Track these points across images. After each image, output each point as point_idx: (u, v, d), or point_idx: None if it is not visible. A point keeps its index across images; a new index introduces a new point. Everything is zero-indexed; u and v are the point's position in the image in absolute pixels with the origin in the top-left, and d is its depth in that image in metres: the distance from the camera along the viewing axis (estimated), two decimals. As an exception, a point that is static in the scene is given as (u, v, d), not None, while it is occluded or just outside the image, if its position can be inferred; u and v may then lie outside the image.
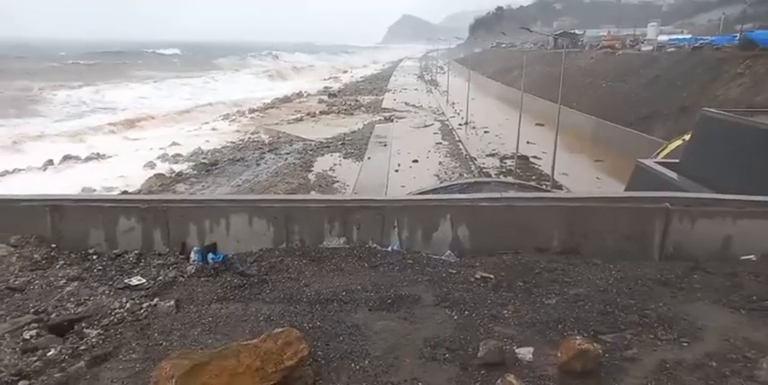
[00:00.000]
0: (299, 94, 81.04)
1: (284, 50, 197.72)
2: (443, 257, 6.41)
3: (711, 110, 16.77)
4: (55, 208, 6.53)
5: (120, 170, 33.31)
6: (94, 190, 28.68)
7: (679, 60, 42.88)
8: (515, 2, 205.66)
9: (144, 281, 5.70)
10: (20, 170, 33.25)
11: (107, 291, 5.42)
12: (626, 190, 17.87)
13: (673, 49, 50.77)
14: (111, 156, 37.99)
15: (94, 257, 6.29)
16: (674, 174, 15.30)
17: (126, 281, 5.69)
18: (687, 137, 17.96)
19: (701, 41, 51.46)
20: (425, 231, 6.70)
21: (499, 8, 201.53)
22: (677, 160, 16.51)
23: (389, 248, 6.54)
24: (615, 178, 27.71)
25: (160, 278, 5.77)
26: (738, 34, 46.96)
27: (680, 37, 61.84)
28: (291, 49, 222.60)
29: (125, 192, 27.62)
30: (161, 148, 40.07)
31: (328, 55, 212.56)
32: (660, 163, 17.14)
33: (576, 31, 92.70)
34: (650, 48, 55.43)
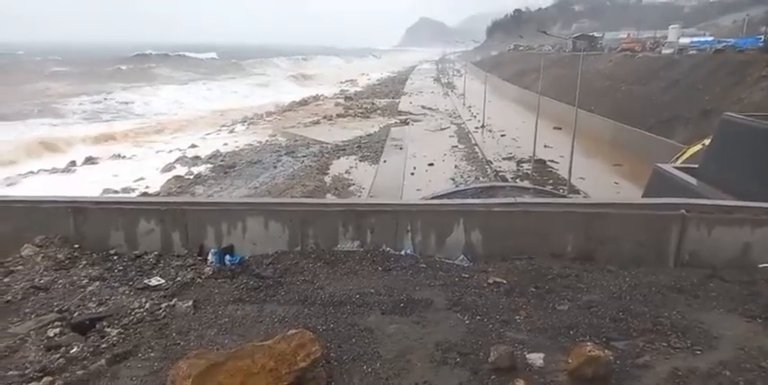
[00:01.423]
0: (316, 98, 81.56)
1: (308, 53, 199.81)
2: (456, 262, 6.45)
3: (732, 114, 16.52)
4: (77, 210, 6.71)
5: (141, 172, 33.90)
6: (115, 191, 29.23)
7: (700, 63, 42.22)
8: (534, 4, 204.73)
9: (163, 281, 5.84)
10: (44, 170, 34.04)
11: (127, 291, 5.57)
12: (644, 195, 17.69)
13: (694, 52, 49.99)
14: (131, 158, 38.69)
15: (115, 258, 6.45)
16: (693, 180, 15.09)
17: (146, 281, 5.83)
18: (707, 141, 17.71)
19: (724, 44, 50.61)
20: (439, 235, 6.74)
21: (517, 10, 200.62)
22: (696, 165, 16.29)
23: (403, 252, 6.59)
24: (633, 183, 27.38)
25: (179, 279, 5.90)
26: (763, 36, 46.05)
27: (702, 39, 60.87)
28: (314, 51, 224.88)
29: (145, 194, 28.10)
30: (180, 151, 40.67)
31: (349, 58, 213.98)
32: (679, 168, 16.91)
33: (596, 34, 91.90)
34: (671, 50, 54.64)
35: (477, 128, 48.91)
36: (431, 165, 34.62)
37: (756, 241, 6.24)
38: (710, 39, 61.08)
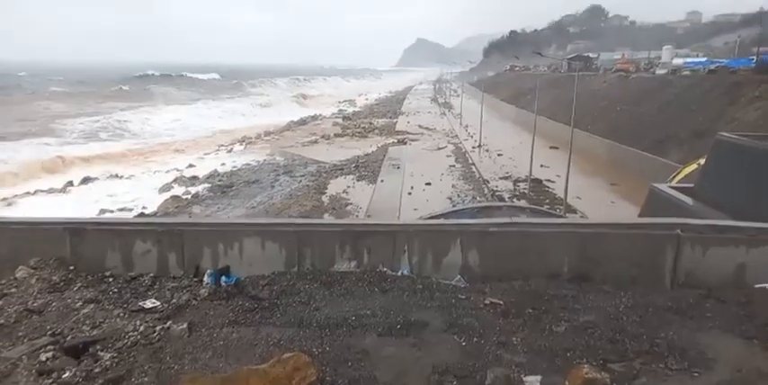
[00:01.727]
0: (315, 117, 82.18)
1: (308, 74, 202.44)
2: (453, 282, 6.43)
3: (726, 134, 16.68)
4: (74, 231, 6.71)
5: (138, 192, 33.92)
6: (112, 211, 29.19)
7: (694, 84, 42.75)
8: (530, 26, 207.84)
9: (158, 303, 5.80)
10: (41, 191, 34.02)
11: (122, 314, 5.53)
12: (640, 214, 17.73)
13: (688, 73, 50.67)
14: (129, 178, 38.74)
15: (111, 280, 6.42)
16: (688, 199, 15.16)
17: (140, 303, 5.80)
18: (702, 161, 17.83)
19: (717, 64, 51.28)
20: (436, 256, 6.74)
21: (513, 32, 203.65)
22: (692, 185, 16.37)
23: (400, 273, 6.58)
24: (630, 202, 27.43)
25: (174, 301, 5.87)
26: (755, 57, 46.74)
27: (695, 60, 61.73)
28: (314, 72, 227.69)
29: (142, 214, 28.05)
30: (178, 170, 40.77)
31: (348, 78, 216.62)
32: (675, 187, 16.99)
33: (590, 55, 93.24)
34: (665, 71, 55.39)
35: (473, 147, 49.19)
36: (428, 184, 34.69)
37: (751, 261, 6.25)
38: (703, 59, 61.95)
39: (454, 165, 42.06)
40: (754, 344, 4.62)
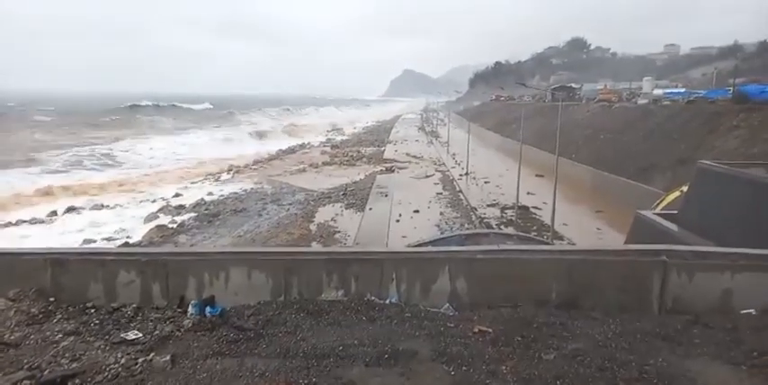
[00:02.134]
0: (303, 146, 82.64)
1: (298, 104, 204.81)
2: (442, 310, 6.38)
3: (707, 162, 17.04)
4: (55, 261, 6.59)
5: (123, 222, 33.56)
6: (95, 241, 28.75)
7: (675, 113, 43.88)
8: (514, 57, 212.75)
9: (140, 335, 5.66)
10: (23, 221, 33.49)
11: (103, 346, 5.38)
12: (626, 241, 17.87)
13: (668, 103, 52.05)
14: (114, 208, 38.32)
15: (92, 311, 6.27)
16: (673, 226, 15.35)
17: (122, 335, 5.65)
18: (685, 188, 18.14)
19: (695, 95, 52.83)
20: (424, 284, 6.70)
21: (498, 63, 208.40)
22: (676, 211, 16.60)
23: (388, 301, 6.52)
24: (615, 229, 27.69)
25: (157, 332, 5.73)
26: (731, 88, 48.25)
27: (675, 90, 63.55)
28: (304, 102, 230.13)
29: (126, 244, 27.67)
30: (164, 200, 40.48)
31: (336, 108, 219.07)
32: (659, 214, 17.22)
33: (573, 85, 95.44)
34: (646, 101, 56.87)
35: (461, 175, 49.63)
36: (416, 212, 34.77)
37: (737, 287, 6.30)
38: (683, 90, 63.80)
39: (442, 193, 42.29)
40: (741, 371, 4.61)
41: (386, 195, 40.71)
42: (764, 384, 4.32)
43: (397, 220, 32.49)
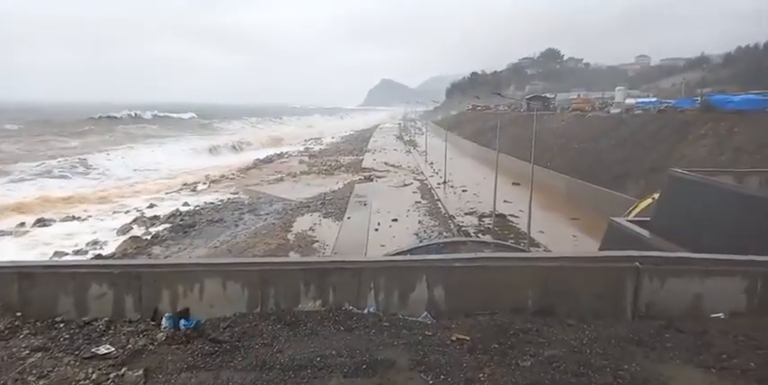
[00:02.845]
0: (281, 155, 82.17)
1: (276, 113, 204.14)
2: (420, 319, 6.39)
3: (678, 170, 17.48)
4: (23, 275, 6.40)
5: (95, 234, 32.79)
6: (66, 254, 28.03)
7: (646, 122, 44.99)
8: (489, 67, 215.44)
9: (113, 349, 5.53)
10: (-10, 234, 32.47)
11: (73, 362, 5.24)
12: (601, 247, 18.15)
13: (640, 112, 53.36)
14: (86, 220, 37.43)
15: (62, 325, 6.10)
16: (645, 232, 15.66)
17: (93, 350, 5.50)
18: (657, 195, 18.55)
19: (666, 104, 54.31)
20: (402, 292, 6.69)
21: (474, 73, 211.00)
22: (648, 218, 16.96)
23: (366, 311, 6.50)
24: (590, 236, 28.10)
25: (129, 346, 5.60)
26: (699, 98, 49.75)
27: (646, 100, 65.18)
28: (283, 112, 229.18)
29: (99, 256, 27.04)
30: (138, 211, 39.73)
31: (316, 117, 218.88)
32: (632, 221, 17.56)
33: (548, 95, 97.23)
34: (618, 110, 58.21)
35: (439, 184, 49.91)
36: (395, 220, 34.81)
37: (707, 291, 6.45)
38: (654, 99, 65.51)
39: (420, 202, 42.44)
40: (711, 374, 4.72)
41: (364, 204, 40.67)
42: (734, 386, 4.43)
43: (376, 229, 32.46)
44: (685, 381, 4.54)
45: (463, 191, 45.93)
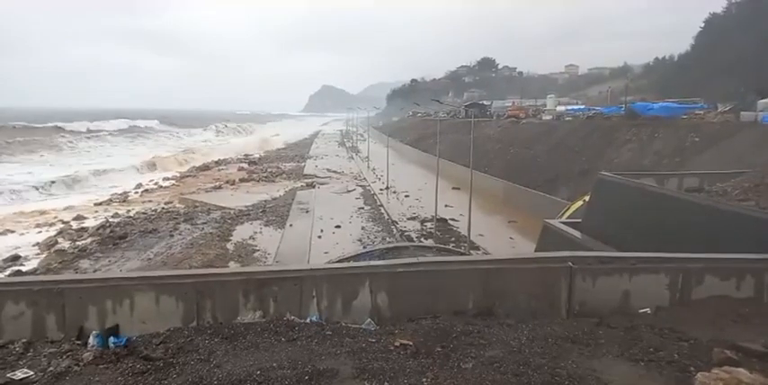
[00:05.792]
0: (218, 162, 79.84)
1: (216, 120, 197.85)
2: (363, 326, 6.34)
3: (606, 173, 18.42)
4: (-72, 295, 5.84)
5: (15, 249, 30.51)
6: (-19, 270, 25.90)
7: (576, 128, 47.25)
8: (429, 74, 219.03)
9: (31, 373, 5.12)
10: None
11: (-15, 389, 4.81)
12: (536, 249, 18.82)
13: (570, 118, 55.96)
14: (5, 235, 34.76)
15: (-28, 350, 5.60)
16: (577, 233, 16.37)
17: (9, 375, 5.08)
18: (587, 198, 19.45)
19: (593, 111, 57.25)
20: (345, 300, 6.64)
21: (414, 80, 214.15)
22: (580, 220, 17.74)
23: (308, 320, 6.39)
24: (527, 237, 29.08)
25: (51, 369, 5.21)
26: (623, 105, 52.81)
27: (575, 107, 68.45)
28: (223, 118, 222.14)
29: (18, 273, 25.17)
30: (64, 223, 37.39)
31: (255, 123, 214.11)
32: (565, 222, 18.31)
33: (485, 102, 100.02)
34: (550, 117, 60.84)
35: (381, 189, 50.14)
36: (338, 227, 34.60)
37: (634, 288, 6.79)
38: (582, 106, 68.89)
39: (363, 208, 42.43)
40: (640, 366, 4.96)
41: (307, 211, 40.19)
42: (660, 378, 4.66)
43: (319, 236, 32.14)
44: (617, 375, 4.74)
45: (405, 196, 46.35)
